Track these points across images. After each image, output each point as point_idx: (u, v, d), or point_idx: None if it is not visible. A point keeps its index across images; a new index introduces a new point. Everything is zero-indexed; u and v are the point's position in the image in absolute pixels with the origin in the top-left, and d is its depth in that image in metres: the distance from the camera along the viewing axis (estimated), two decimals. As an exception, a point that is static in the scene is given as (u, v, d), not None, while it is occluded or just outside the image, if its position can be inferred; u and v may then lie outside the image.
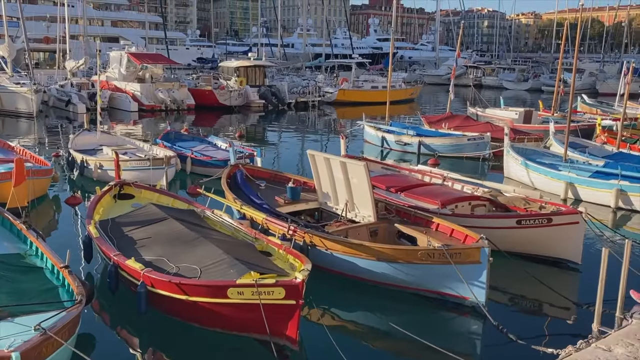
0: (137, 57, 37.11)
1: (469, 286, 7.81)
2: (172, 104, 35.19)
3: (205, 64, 65.18)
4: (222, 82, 39.01)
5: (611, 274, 6.65)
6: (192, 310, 7.02)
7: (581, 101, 33.68)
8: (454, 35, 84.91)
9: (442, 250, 7.85)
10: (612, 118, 24.84)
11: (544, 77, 65.02)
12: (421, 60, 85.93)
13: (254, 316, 6.54)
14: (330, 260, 8.85)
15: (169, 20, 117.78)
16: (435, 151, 20.51)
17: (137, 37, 61.10)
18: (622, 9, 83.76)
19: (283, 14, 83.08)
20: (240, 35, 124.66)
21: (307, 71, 55.35)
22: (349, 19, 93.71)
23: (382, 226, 9.71)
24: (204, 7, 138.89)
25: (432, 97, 53.07)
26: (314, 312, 7.93)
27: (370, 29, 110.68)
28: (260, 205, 10.69)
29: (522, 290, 9.05)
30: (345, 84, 43.32)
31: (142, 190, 11.34)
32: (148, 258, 7.97)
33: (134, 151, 16.80)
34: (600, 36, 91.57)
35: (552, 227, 9.73)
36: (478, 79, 65.52)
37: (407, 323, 7.66)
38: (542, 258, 10.04)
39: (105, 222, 9.42)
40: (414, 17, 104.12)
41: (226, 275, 7.03)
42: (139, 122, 31.79)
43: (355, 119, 28.54)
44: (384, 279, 8.58)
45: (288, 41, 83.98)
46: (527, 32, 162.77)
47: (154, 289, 7.18)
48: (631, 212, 13.48)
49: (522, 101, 45.83)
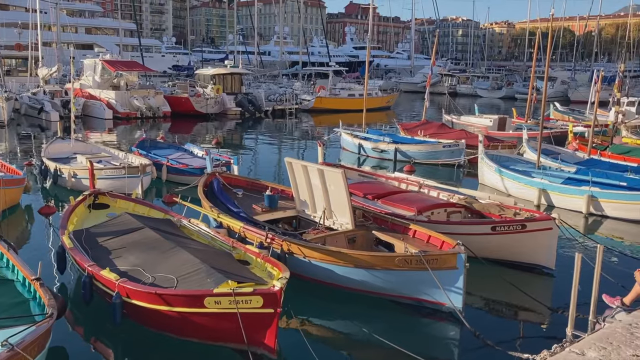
0: (111, 65, 36.73)
1: (446, 292, 7.87)
2: (147, 111, 34.88)
3: (181, 72, 64.78)
4: (199, 90, 38.81)
5: (584, 278, 6.77)
6: (168, 320, 6.93)
7: (553, 109, 34.32)
8: (429, 43, 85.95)
9: (419, 256, 7.90)
10: (583, 125, 25.36)
11: (517, 85, 66.14)
12: (397, 69, 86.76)
13: (232, 325, 6.49)
14: (308, 268, 8.84)
15: (144, 28, 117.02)
16: (412, 158, 20.68)
17: (112, 44, 60.59)
18: (592, 19, 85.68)
19: (260, 22, 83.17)
20: (216, 42, 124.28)
21: (284, 79, 55.44)
22: (326, 28, 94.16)
23: (359, 233, 9.74)
24: (179, 15, 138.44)
25: (408, 104, 53.53)
26: (292, 320, 7.91)
27: (347, 37, 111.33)
28: (237, 214, 10.64)
29: (498, 296, 9.15)
30: (323, 91, 43.47)
31: (117, 200, 11.20)
32: (123, 268, 7.86)
33: (109, 159, 16.60)
34: (572, 45, 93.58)
35: (526, 233, 9.87)
36: (453, 87, 66.32)
37: (385, 330, 7.68)
38: (517, 264, 10.17)
39: (79, 232, 9.26)
40: (389, 26, 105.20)
41: (203, 285, 6.97)
42: (113, 130, 31.42)
43: (332, 126, 28.63)
44: (362, 286, 8.60)
45: (265, 49, 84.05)
46: (500, 41, 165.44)
47: (129, 300, 7.08)
48: (602, 217, 13.75)
49: (496, 109, 46.51)
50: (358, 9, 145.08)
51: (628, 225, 13.23)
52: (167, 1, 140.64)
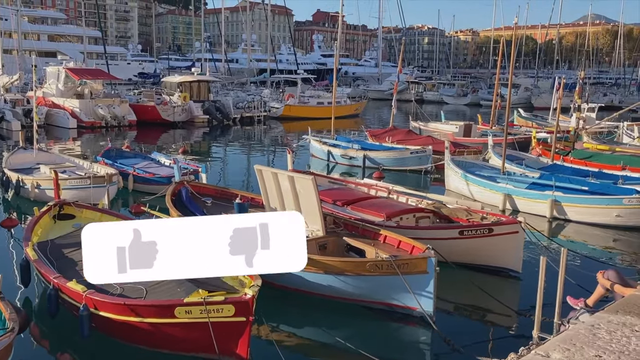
0: (75, 73, 36.06)
1: (417, 296, 7.95)
2: (112, 120, 34.30)
3: (147, 79, 63.96)
4: (165, 98, 38.38)
5: (549, 281, 6.93)
6: (138, 331, 6.83)
7: (517, 115, 35.05)
8: (396, 51, 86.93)
9: (390, 261, 7.96)
10: (546, 131, 25.97)
11: (482, 92, 67.39)
12: (365, 76, 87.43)
13: (203, 335, 6.43)
14: (280, 275, 8.81)
15: (109, 35, 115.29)
16: (380, 164, 20.85)
17: (76, 52, 59.52)
18: (553, 27, 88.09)
19: (227, 29, 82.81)
20: (183, 50, 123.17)
21: (252, 86, 55.25)
22: (293, 35, 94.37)
23: (330, 240, 9.77)
24: (145, 22, 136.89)
25: (376, 111, 53.99)
26: (264, 328, 7.87)
27: (315, 45, 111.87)
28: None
29: (467, 300, 9.29)
30: (292, 99, 43.53)
31: (83, 210, 10.99)
32: (91, 279, 7.69)
33: (74, 169, 16.27)
34: (534, 53, 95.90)
35: (493, 237, 10.05)
36: (419, 94, 67.09)
37: (356, 336, 7.71)
38: (485, 267, 10.34)
39: (44, 244, 9.06)
40: (357, 34, 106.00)
41: (173, 294, 6.90)
42: (78, 139, 30.83)
43: (301, 133, 28.68)
44: (334, 292, 8.62)
45: (232, 56, 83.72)
46: (465, 48, 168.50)
47: (97, 312, 6.95)
48: (565, 221, 14.09)
49: (461, 115, 47.29)
50: (326, 17, 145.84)
51: (590, 229, 13.59)
52: (132, 8, 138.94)
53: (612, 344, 3.19)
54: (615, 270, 7.31)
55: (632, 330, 3.39)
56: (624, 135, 26.41)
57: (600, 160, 18.72)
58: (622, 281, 7.00)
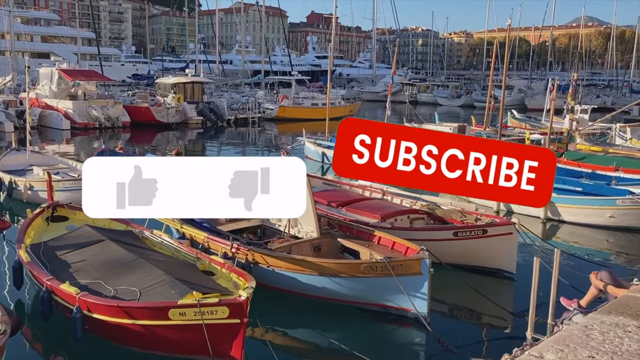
0: (68, 74, 35.92)
1: (411, 298, 7.95)
2: (106, 121, 34.19)
3: (141, 81, 63.80)
4: (159, 99, 38.26)
5: (543, 282, 6.95)
6: (131, 334, 6.80)
7: (511, 116, 35.16)
8: (390, 53, 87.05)
9: (385, 262, 7.97)
10: (539, 132, 26.06)
11: (476, 94, 67.55)
12: (359, 78, 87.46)
13: (197, 337, 6.42)
14: (274, 277, 8.81)
15: (102, 36, 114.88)
16: (375, 166, 20.83)
17: (69, 53, 59.18)
18: (546, 29, 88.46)
19: (221, 30, 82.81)
20: (177, 51, 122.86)
21: (247, 88, 55.22)
22: (288, 37, 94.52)
23: (325, 241, 9.77)
24: (139, 24, 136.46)
25: (370, 113, 54.04)
26: (258, 330, 7.86)
27: (309, 46, 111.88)
28: (200, 224, 10.52)
29: (461, 301, 9.31)
30: (286, 100, 43.53)
31: (76, 212, 10.92)
32: (84, 282, 7.67)
33: (67, 171, 16.19)
34: (527, 55, 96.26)
35: (487, 238, 10.08)
36: (414, 96, 67.30)
37: (351, 338, 7.71)
38: (479, 269, 10.36)
39: (37, 246, 9.00)
40: (351, 36, 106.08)
41: (167, 296, 6.87)
42: (71, 140, 30.71)
43: (295, 135, 28.67)
44: (328, 294, 8.62)
45: (226, 58, 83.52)
46: (459, 50, 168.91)
47: (90, 314, 6.92)
48: (559, 222, 14.15)
49: (455, 116, 47.42)
50: (320, 19, 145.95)
51: (584, 230, 13.65)
52: (126, 10, 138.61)
53: (605, 344, 3.21)
54: (608, 271, 7.33)
55: (624, 330, 3.40)
56: (616, 136, 26.53)
57: (593, 161, 18.80)
58: (615, 282, 7.03)
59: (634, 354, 3.11)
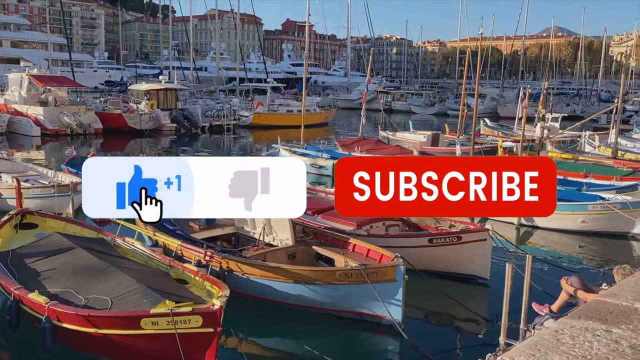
0: (39, 80, 35.34)
1: (386, 305, 7.97)
2: (78, 128, 33.67)
3: (113, 87, 63.01)
4: (132, 106, 37.88)
5: (516, 288, 7.03)
6: (102, 344, 6.67)
7: (484, 124, 35.67)
8: (365, 61, 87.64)
9: (360, 269, 7.97)
10: (512, 140, 26.49)
11: (449, 102, 68.33)
12: (334, 85, 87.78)
13: (170, 347, 6.31)
14: (248, 285, 8.74)
15: (74, 42, 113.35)
16: (350, 173, 20.89)
17: (40, 59, 58.12)
18: (518, 39, 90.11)
19: (195, 37, 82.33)
20: (150, 58, 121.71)
21: (221, 95, 54.95)
22: (263, 44, 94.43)
23: (300, 249, 9.74)
24: (112, 30, 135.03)
25: (345, 121, 54.26)
26: (232, 339, 7.78)
27: (284, 54, 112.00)
28: (174, 232, 10.41)
29: (436, 307, 9.36)
30: (261, 107, 43.44)
31: (46, 219, 10.73)
32: (54, 290, 7.50)
33: (37, 178, 15.88)
34: (500, 64, 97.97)
35: (461, 244, 10.16)
36: (388, 104, 67.72)
37: (326, 345, 7.68)
38: (453, 275, 10.44)
39: (4, 254, 8.78)
40: (326, 44, 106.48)
41: (139, 305, 6.76)
42: (42, 147, 30.17)
43: (271, 142, 28.60)
44: (303, 302, 8.58)
45: (201, 64, 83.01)
46: (433, 59, 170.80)
47: (60, 324, 6.77)
48: (532, 228, 14.35)
49: (429, 125, 47.89)
50: (295, 26, 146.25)
51: (556, 235, 13.87)
52: (99, 15, 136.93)
53: (575, 348, 3.25)
54: (579, 276, 7.46)
55: (594, 335, 3.46)
56: (586, 144, 27.11)
57: (564, 168, 19.12)
58: (584, 287, 7.16)
59: (602, 357, 3.16)
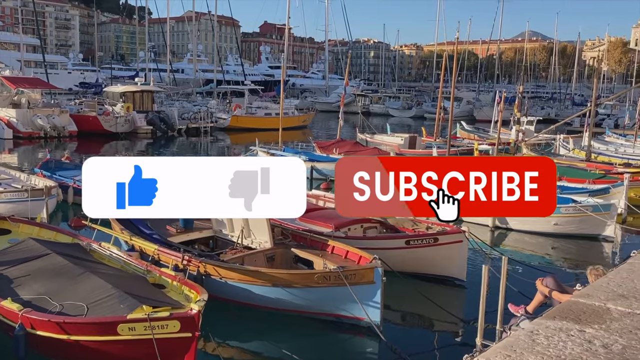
0: (11, 81, 34.75)
1: (364, 307, 8.00)
2: (52, 130, 33.19)
3: (88, 89, 62.23)
4: (107, 108, 37.43)
5: (492, 289, 7.12)
6: (78, 351, 6.57)
7: (460, 127, 36.08)
8: (343, 64, 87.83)
9: (338, 272, 7.99)
10: (488, 143, 26.83)
11: (426, 105, 69.02)
12: (312, 88, 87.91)
13: (148, 352, 6.25)
14: (226, 289, 8.70)
15: (48, 43, 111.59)
16: (327, 175, 20.95)
17: (12, 60, 57.03)
18: (493, 43, 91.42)
19: (172, 39, 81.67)
20: (126, 59, 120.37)
21: (198, 97, 54.60)
22: (241, 46, 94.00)
23: (279, 251, 9.73)
24: (87, 31, 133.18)
25: (323, 123, 54.36)
26: (211, 344, 7.74)
27: (262, 56, 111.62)
28: (150, 236, 10.30)
29: (413, 309, 9.43)
30: (239, 110, 43.28)
31: (19, 224, 10.54)
32: (27, 297, 7.37)
33: (9, 182, 15.57)
34: (476, 67, 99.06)
35: (438, 246, 10.26)
36: (366, 107, 68.07)
37: (304, 348, 7.69)
38: (430, 276, 10.54)
39: (-24, 261, 8.61)
40: (304, 46, 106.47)
41: (116, 311, 6.68)
42: (14, 150, 29.65)
43: (249, 144, 28.52)
44: (282, 305, 8.57)
45: (178, 66, 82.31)
46: (410, 62, 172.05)
47: (34, 331, 6.65)
48: (507, 230, 14.55)
49: (406, 127, 48.24)
50: (273, 29, 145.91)
51: (530, 237, 14.09)
52: (73, 16, 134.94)
53: (549, 349, 3.31)
54: (553, 277, 7.57)
55: (568, 335, 3.52)
56: (560, 147, 27.59)
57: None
58: (559, 288, 7.27)
59: (576, 357, 3.22)
